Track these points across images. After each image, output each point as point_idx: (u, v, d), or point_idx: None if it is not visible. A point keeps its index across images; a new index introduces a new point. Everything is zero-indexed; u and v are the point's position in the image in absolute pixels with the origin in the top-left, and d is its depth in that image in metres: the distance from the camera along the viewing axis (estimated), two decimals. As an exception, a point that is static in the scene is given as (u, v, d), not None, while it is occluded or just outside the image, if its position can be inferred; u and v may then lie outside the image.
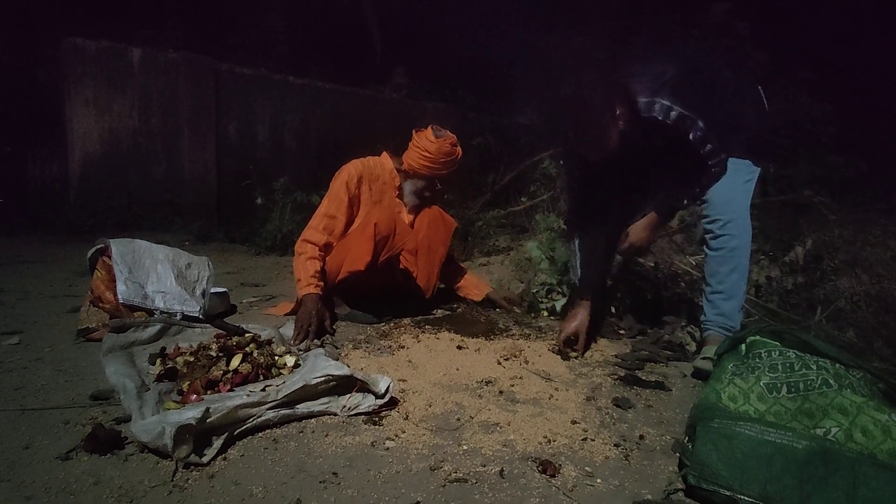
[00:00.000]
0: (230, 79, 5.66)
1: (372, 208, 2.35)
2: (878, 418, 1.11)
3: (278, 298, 2.70)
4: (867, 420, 1.12)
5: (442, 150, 2.32)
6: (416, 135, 2.38)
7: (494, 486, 1.08)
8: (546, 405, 1.51)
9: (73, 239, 4.42)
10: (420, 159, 2.34)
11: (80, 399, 1.41)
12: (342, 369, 1.41)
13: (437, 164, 2.34)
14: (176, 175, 5.44)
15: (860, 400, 1.16)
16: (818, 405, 1.19)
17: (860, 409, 1.14)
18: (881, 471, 1.00)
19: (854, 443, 1.11)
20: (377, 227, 2.19)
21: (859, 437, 1.11)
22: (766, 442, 1.07)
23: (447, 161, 2.35)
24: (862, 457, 1.04)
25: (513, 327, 2.32)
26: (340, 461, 1.15)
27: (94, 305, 1.98)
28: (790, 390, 1.25)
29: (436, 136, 2.33)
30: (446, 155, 2.34)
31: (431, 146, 2.32)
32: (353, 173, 2.36)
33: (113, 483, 1.03)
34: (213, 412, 1.17)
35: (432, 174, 2.37)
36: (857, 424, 1.13)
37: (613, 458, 1.22)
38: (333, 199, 2.33)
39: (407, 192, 2.46)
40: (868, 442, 1.09)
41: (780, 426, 1.15)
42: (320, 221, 2.31)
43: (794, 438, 1.08)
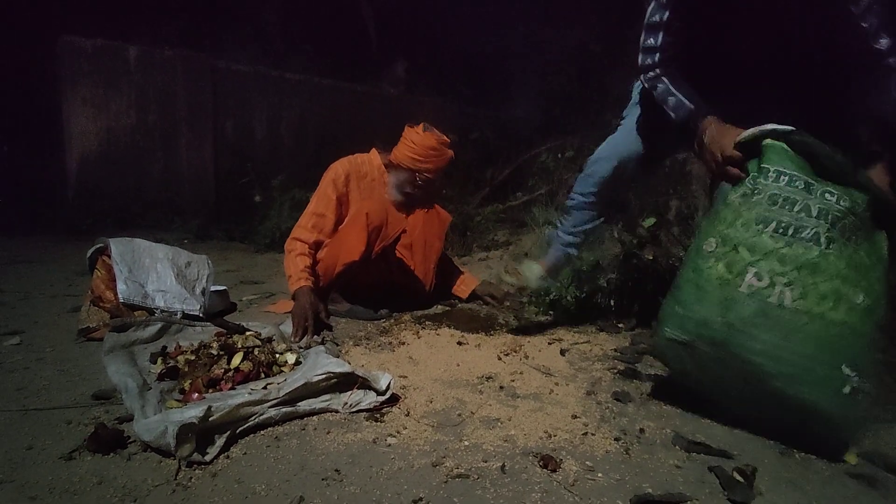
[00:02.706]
0: (227, 76, 5.65)
1: (362, 203, 2.35)
2: (841, 291, 1.22)
3: (278, 296, 2.70)
4: (828, 288, 1.22)
5: (426, 142, 2.32)
6: (407, 128, 2.40)
7: (496, 481, 1.09)
8: (546, 400, 1.52)
9: (72, 238, 4.42)
10: (405, 150, 2.35)
11: (82, 399, 1.42)
12: (343, 366, 1.41)
13: (420, 156, 2.33)
14: (174, 173, 5.43)
15: (836, 269, 1.23)
16: (794, 256, 1.25)
17: (831, 277, 1.23)
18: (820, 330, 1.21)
19: (804, 301, 1.23)
20: (369, 216, 2.20)
21: (812, 300, 1.23)
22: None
23: (430, 155, 2.34)
24: (803, 314, 1.23)
25: (513, 322, 2.32)
26: (342, 458, 1.16)
27: (95, 305, 1.98)
28: (777, 229, 1.28)
29: (425, 129, 2.35)
30: (430, 149, 2.33)
31: (417, 138, 2.33)
32: (340, 172, 2.37)
33: (116, 482, 1.04)
34: (214, 411, 1.18)
35: (415, 167, 2.35)
36: (819, 288, 1.23)
37: (614, 452, 1.23)
38: (322, 198, 2.34)
39: (390, 184, 2.44)
40: (820, 306, 1.22)
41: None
42: (309, 220, 2.32)
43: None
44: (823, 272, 1.23)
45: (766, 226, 1.28)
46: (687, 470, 1.16)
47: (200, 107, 5.48)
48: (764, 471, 1.16)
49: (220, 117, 5.64)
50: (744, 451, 1.25)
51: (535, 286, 2.03)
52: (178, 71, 5.34)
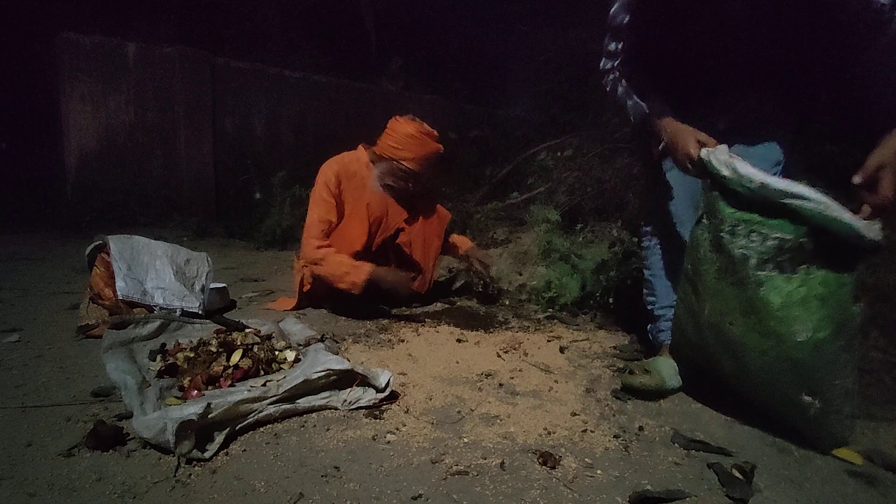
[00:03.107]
0: (226, 73, 5.64)
1: (362, 196, 2.35)
2: (779, 330, 1.22)
3: (278, 293, 2.70)
4: (766, 327, 1.25)
5: (405, 129, 2.30)
6: (392, 119, 2.38)
7: (495, 478, 1.09)
8: (546, 397, 1.52)
9: (70, 235, 4.41)
10: (386, 139, 2.34)
11: (81, 396, 1.42)
12: (342, 363, 1.41)
13: (398, 144, 2.31)
14: (173, 170, 5.42)
15: (769, 309, 1.23)
16: (732, 296, 1.31)
17: (765, 317, 1.25)
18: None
19: (748, 338, 1.28)
20: (369, 207, 2.20)
21: (754, 338, 1.27)
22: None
23: (408, 143, 2.30)
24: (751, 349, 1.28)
25: (512, 320, 2.32)
26: (342, 455, 1.16)
27: (94, 302, 1.98)
28: (718, 271, 1.34)
29: (406, 119, 2.33)
30: (407, 136, 2.30)
31: (397, 126, 2.32)
32: (329, 175, 2.35)
33: (115, 479, 1.04)
34: (214, 407, 1.17)
35: (393, 155, 2.32)
36: (758, 327, 1.26)
37: (613, 450, 1.23)
38: (321, 204, 2.32)
39: (373, 177, 2.41)
40: (762, 344, 1.26)
41: None
42: (318, 228, 2.28)
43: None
44: (758, 313, 1.25)
45: (706, 261, 1.36)
46: (686, 467, 1.17)
47: (199, 103, 5.47)
48: (763, 468, 1.16)
49: (220, 114, 5.63)
50: (743, 449, 1.25)
51: (673, 384, 1.57)
52: (176, 68, 5.32)
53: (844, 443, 1.26)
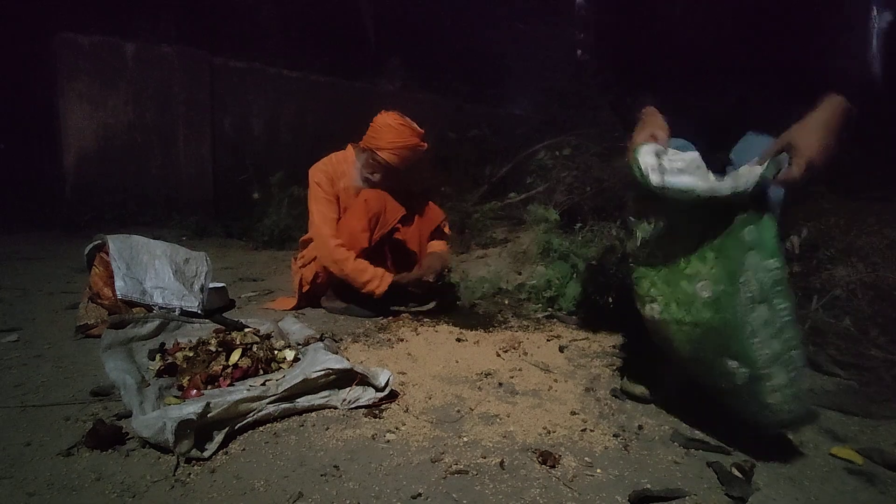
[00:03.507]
0: (225, 72, 5.63)
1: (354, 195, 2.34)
2: (686, 293, 1.24)
3: (277, 293, 2.70)
4: (678, 294, 1.27)
5: (383, 120, 2.29)
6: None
7: (495, 477, 1.09)
8: (545, 396, 1.52)
9: (69, 235, 4.41)
10: (369, 131, 2.33)
11: (80, 395, 1.42)
12: (342, 363, 1.41)
13: (375, 133, 2.29)
14: (172, 170, 5.42)
15: (677, 275, 1.28)
16: (658, 276, 1.33)
17: (675, 283, 1.28)
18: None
19: (666, 312, 1.29)
20: (368, 202, 2.20)
21: (672, 310, 1.28)
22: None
23: (384, 132, 2.27)
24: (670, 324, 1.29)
25: (511, 319, 2.32)
26: (341, 454, 1.16)
27: (93, 302, 1.98)
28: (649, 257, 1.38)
29: (390, 112, 2.32)
30: (384, 125, 2.28)
31: (378, 117, 2.31)
32: (321, 177, 2.35)
33: (115, 479, 1.03)
34: (213, 407, 1.17)
35: (369, 145, 2.30)
36: (673, 296, 1.28)
37: (613, 449, 1.23)
38: (323, 201, 2.33)
39: (356, 169, 2.39)
40: (677, 314, 1.26)
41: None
42: (329, 225, 2.29)
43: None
44: (670, 282, 1.29)
45: (646, 255, 1.40)
46: (685, 466, 1.17)
47: (198, 103, 5.46)
48: (762, 466, 1.16)
49: (218, 114, 5.62)
50: (742, 447, 1.25)
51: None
52: (175, 67, 5.32)
53: (794, 422, 1.20)
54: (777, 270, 1.16)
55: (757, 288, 1.15)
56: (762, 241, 1.16)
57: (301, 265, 2.41)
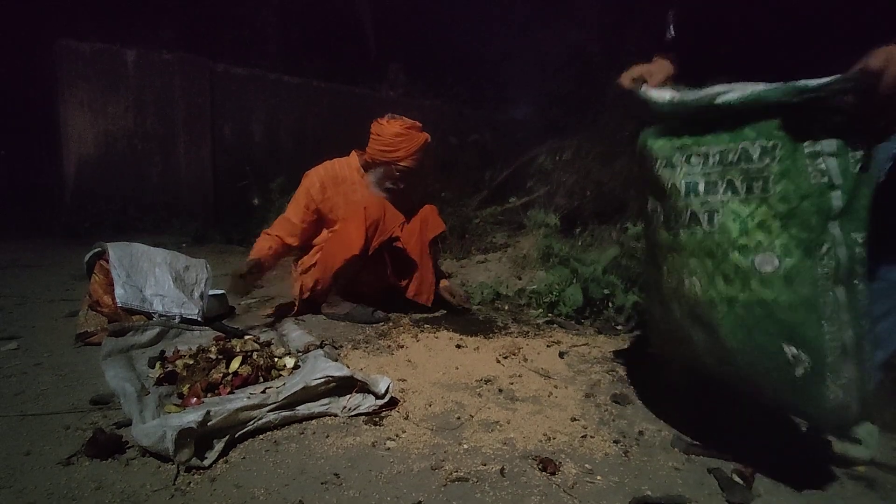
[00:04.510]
0: (225, 79, 5.65)
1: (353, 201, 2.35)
2: (741, 264, 1.04)
3: (277, 300, 2.70)
4: (727, 267, 1.06)
5: (391, 130, 2.29)
6: (373, 123, 2.37)
7: (495, 484, 1.09)
8: (545, 403, 1.52)
9: (69, 242, 4.41)
10: (374, 144, 2.33)
11: (80, 404, 1.41)
12: (342, 370, 1.41)
13: (389, 146, 2.30)
14: (172, 176, 5.43)
15: (728, 241, 1.06)
16: (684, 244, 1.14)
17: (724, 253, 1.06)
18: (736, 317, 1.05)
19: (713, 289, 1.08)
20: (367, 210, 2.20)
21: (718, 286, 1.07)
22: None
23: (398, 142, 2.29)
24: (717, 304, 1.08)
25: (511, 325, 2.32)
26: (342, 462, 1.16)
27: (93, 309, 1.98)
28: (666, 222, 1.18)
29: (388, 120, 2.33)
30: (396, 136, 2.28)
31: (382, 129, 2.31)
32: (314, 181, 2.36)
33: (115, 488, 1.03)
34: (213, 415, 1.17)
35: (387, 159, 2.32)
36: (719, 270, 1.07)
37: (613, 455, 1.23)
38: (293, 203, 2.38)
39: (371, 184, 2.41)
40: (728, 290, 1.06)
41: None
42: (280, 225, 2.38)
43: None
44: (717, 252, 1.07)
45: (658, 221, 1.20)
46: (686, 472, 1.16)
47: (198, 110, 5.48)
48: (763, 473, 1.16)
49: (219, 120, 5.64)
50: (743, 453, 1.25)
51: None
52: (176, 74, 5.33)
53: (852, 425, 1.03)
54: (862, 248, 0.98)
55: (836, 265, 0.97)
56: (853, 209, 0.97)
57: (301, 272, 2.41)
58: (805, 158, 0.99)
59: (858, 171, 0.97)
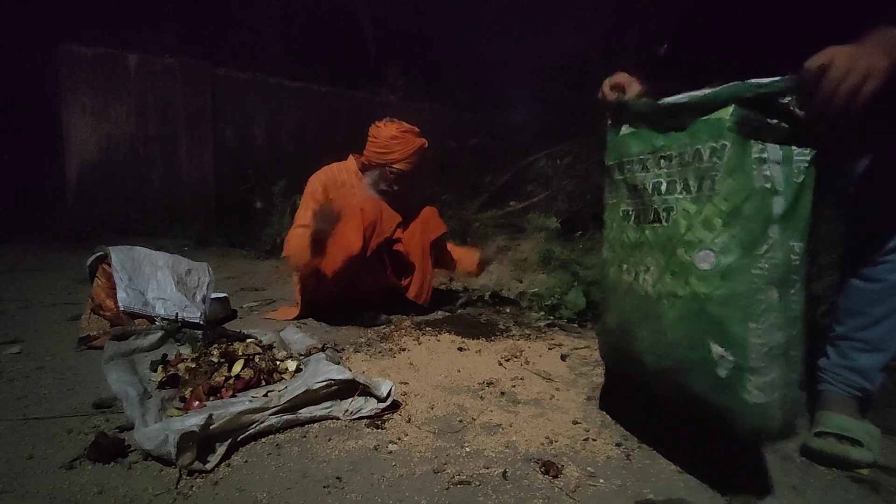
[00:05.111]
0: (226, 83, 5.67)
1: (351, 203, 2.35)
2: (684, 260, 1.07)
3: (279, 303, 2.70)
4: (674, 262, 1.09)
5: (387, 133, 2.31)
6: (371, 126, 2.39)
7: (497, 487, 1.09)
8: (547, 406, 1.52)
9: (71, 246, 4.42)
10: (371, 146, 2.35)
11: (82, 407, 1.42)
12: (344, 373, 1.41)
13: (384, 148, 2.32)
14: (174, 180, 5.44)
15: (675, 237, 1.09)
16: (644, 241, 1.17)
17: (672, 248, 1.10)
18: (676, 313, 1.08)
19: (660, 284, 1.12)
20: (364, 212, 2.20)
21: (665, 281, 1.11)
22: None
23: (393, 144, 2.31)
24: (663, 298, 1.11)
25: (513, 328, 2.32)
26: (344, 465, 1.16)
27: (95, 313, 1.98)
28: (632, 219, 1.22)
29: (385, 123, 2.34)
30: (391, 138, 2.30)
31: (378, 132, 2.33)
32: (317, 186, 2.38)
33: (117, 492, 1.03)
34: (215, 418, 1.17)
35: (382, 161, 2.34)
36: (667, 265, 1.11)
37: (615, 458, 1.23)
38: (301, 209, 2.37)
39: (367, 186, 2.42)
40: (671, 284, 1.09)
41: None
42: (293, 230, 2.33)
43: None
44: (664, 247, 1.11)
45: (624, 218, 1.24)
46: (688, 475, 1.16)
47: (200, 113, 5.50)
48: (765, 475, 1.16)
49: (220, 124, 5.66)
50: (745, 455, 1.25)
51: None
52: (177, 78, 5.36)
53: (774, 432, 1.01)
54: (801, 256, 0.99)
55: (772, 267, 0.98)
56: (793, 216, 0.98)
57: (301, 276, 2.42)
58: (752, 161, 1.00)
59: (802, 180, 0.98)
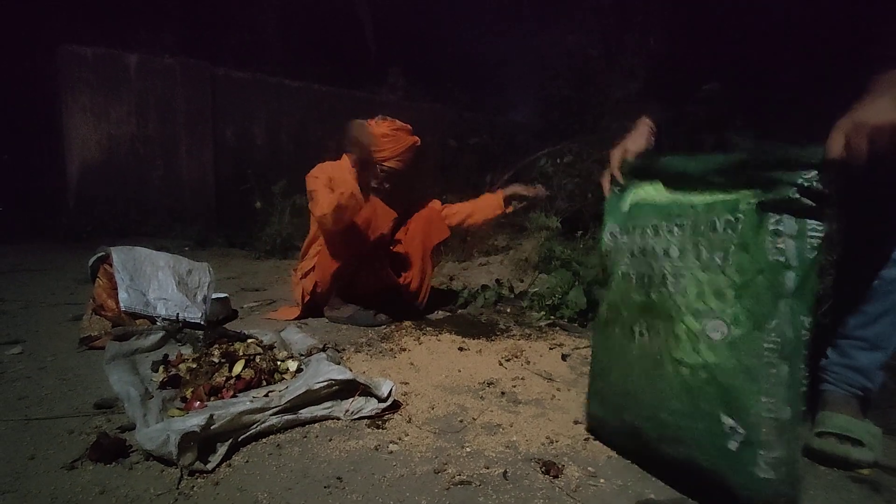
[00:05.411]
0: (226, 83, 5.67)
1: None
2: (693, 327, 1.06)
3: (279, 303, 2.70)
4: (680, 329, 1.08)
5: (378, 131, 2.28)
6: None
7: (498, 488, 1.09)
8: (548, 405, 1.52)
9: (72, 246, 4.42)
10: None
11: (84, 408, 1.42)
12: (344, 373, 1.41)
13: (378, 147, 2.29)
14: (174, 180, 5.45)
15: (683, 305, 1.09)
16: (651, 304, 1.16)
17: (679, 316, 1.09)
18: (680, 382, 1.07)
19: (667, 349, 1.10)
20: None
21: (672, 347, 1.09)
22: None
23: (383, 142, 2.29)
24: (669, 363, 1.09)
25: (514, 328, 2.32)
26: (345, 466, 1.16)
27: (97, 314, 1.99)
28: (638, 281, 1.20)
29: (377, 121, 2.33)
30: (381, 136, 2.28)
31: (372, 129, 2.29)
32: (320, 173, 2.30)
33: (119, 492, 1.04)
34: (216, 419, 1.18)
35: (376, 159, 2.31)
36: (672, 331, 1.10)
37: (616, 458, 1.23)
38: (321, 188, 2.19)
39: (358, 183, 2.37)
40: (678, 351, 1.08)
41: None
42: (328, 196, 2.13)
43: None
44: (672, 313, 1.10)
45: (630, 280, 1.23)
46: (689, 475, 1.16)
47: (200, 113, 5.50)
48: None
49: (220, 124, 5.66)
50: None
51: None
52: (177, 78, 5.36)
53: (789, 501, 0.98)
54: (808, 331, 0.98)
55: (782, 341, 0.98)
56: (803, 291, 0.98)
57: (300, 276, 2.42)
58: (767, 235, 1.00)
59: (814, 256, 0.98)
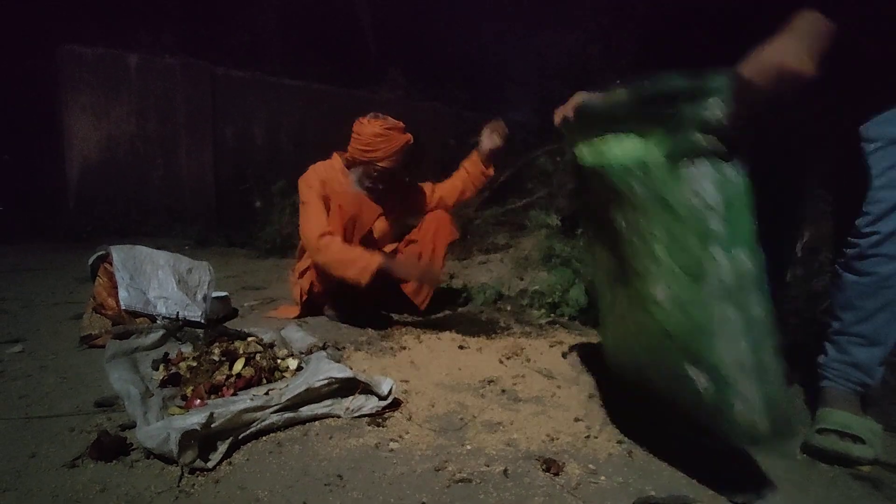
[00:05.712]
0: (226, 82, 5.67)
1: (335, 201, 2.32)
2: (639, 289, 1.08)
3: (279, 301, 2.70)
4: (634, 291, 1.12)
5: (370, 130, 2.26)
6: (355, 122, 2.34)
7: (499, 485, 1.09)
8: (549, 403, 1.52)
9: (72, 245, 4.42)
10: (354, 143, 2.30)
11: (84, 406, 1.42)
12: (345, 371, 1.41)
13: (367, 146, 2.26)
14: (174, 180, 5.45)
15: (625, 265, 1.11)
16: (610, 265, 1.20)
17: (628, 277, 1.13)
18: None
19: (630, 310, 1.15)
20: (342, 208, 2.16)
21: (634, 308, 1.14)
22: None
23: (377, 142, 2.25)
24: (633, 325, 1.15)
25: (514, 326, 2.32)
26: (345, 463, 1.16)
27: (97, 312, 1.99)
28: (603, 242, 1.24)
29: (369, 119, 2.30)
30: (374, 136, 2.25)
31: (361, 128, 2.28)
32: (313, 181, 2.32)
33: (119, 490, 1.04)
34: (217, 417, 1.18)
35: (365, 158, 2.29)
36: (629, 293, 1.14)
37: (617, 455, 1.23)
38: (311, 204, 2.26)
39: (352, 182, 2.37)
40: (633, 312, 1.12)
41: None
42: (318, 220, 2.21)
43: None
44: (630, 278, 1.09)
45: (593, 243, 1.27)
46: (690, 472, 1.16)
47: (200, 113, 5.50)
48: (767, 472, 1.16)
49: (220, 123, 5.66)
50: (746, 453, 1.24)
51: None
52: (177, 78, 5.36)
53: (767, 439, 0.98)
54: (752, 261, 0.97)
55: (721, 284, 0.97)
56: (732, 227, 0.96)
57: (297, 276, 2.41)
58: (681, 184, 0.99)
59: (738, 192, 0.97)
